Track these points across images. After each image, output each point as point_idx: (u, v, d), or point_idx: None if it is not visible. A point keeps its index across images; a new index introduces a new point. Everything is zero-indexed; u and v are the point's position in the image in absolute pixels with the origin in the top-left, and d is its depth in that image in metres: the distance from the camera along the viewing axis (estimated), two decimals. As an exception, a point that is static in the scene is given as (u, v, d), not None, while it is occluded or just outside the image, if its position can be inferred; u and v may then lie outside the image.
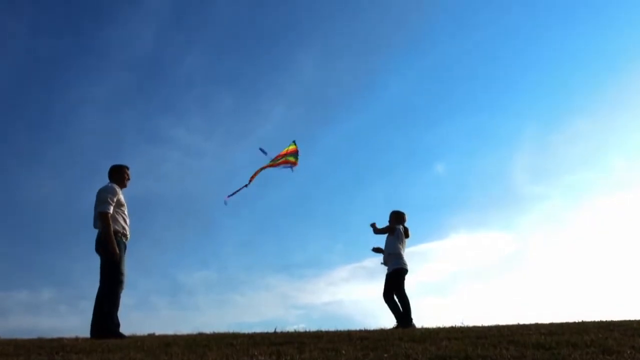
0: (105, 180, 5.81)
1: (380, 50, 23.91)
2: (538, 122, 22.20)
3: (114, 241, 5.44)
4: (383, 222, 7.72)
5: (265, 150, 7.78)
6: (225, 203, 7.42)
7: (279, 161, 7.94)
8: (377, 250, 7.66)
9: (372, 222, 7.66)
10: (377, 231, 7.62)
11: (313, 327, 5.48)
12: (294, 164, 7.98)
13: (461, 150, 22.71)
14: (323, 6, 23.42)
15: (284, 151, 8.07)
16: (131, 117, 21.72)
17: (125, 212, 5.74)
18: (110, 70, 21.44)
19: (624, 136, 21.91)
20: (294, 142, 8.15)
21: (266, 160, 7.89)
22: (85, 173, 18.48)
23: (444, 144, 22.84)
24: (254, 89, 22.91)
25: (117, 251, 5.43)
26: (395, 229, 7.51)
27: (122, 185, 5.83)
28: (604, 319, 5.38)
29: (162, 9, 21.83)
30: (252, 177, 7.67)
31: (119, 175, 5.83)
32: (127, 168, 5.93)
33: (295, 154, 8.07)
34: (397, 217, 7.65)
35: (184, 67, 22.43)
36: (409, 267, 7.41)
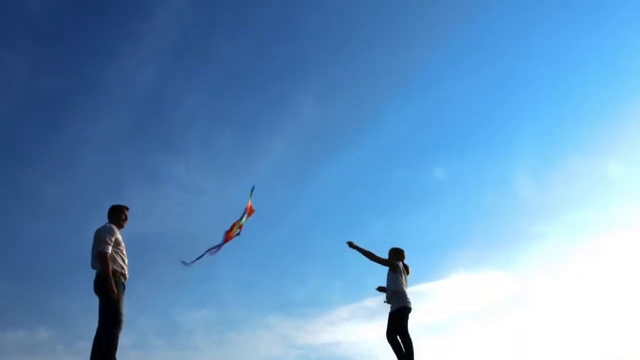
0: (104, 220, 5.87)
1: (380, 87, 24.25)
2: (536, 160, 22.32)
3: (112, 281, 5.45)
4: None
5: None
6: (186, 264, 6.72)
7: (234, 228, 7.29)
8: (382, 289, 7.55)
9: (353, 247, 7.33)
10: (367, 255, 7.36)
11: (313, 369, 5.41)
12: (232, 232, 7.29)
13: (460, 189, 22.73)
14: (322, 44, 23.91)
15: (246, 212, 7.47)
16: (131, 155, 21.87)
17: (124, 252, 5.77)
18: (111, 109, 21.76)
19: (623, 173, 21.99)
20: (251, 190, 7.57)
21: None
22: (85, 212, 18.43)
23: (442, 182, 22.90)
24: (254, 126, 23.18)
25: (115, 290, 5.44)
26: (397, 266, 7.37)
27: (120, 225, 5.88)
28: (607, 361, 5.31)
29: (163, 49, 22.32)
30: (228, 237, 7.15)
31: (117, 215, 5.90)
32: (127, 208, 5.99)
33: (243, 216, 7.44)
34: (396, 254, 7.53)
35: (184, 105, 22.75)
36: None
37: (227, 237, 7.22)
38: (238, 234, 7.31)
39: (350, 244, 7.38)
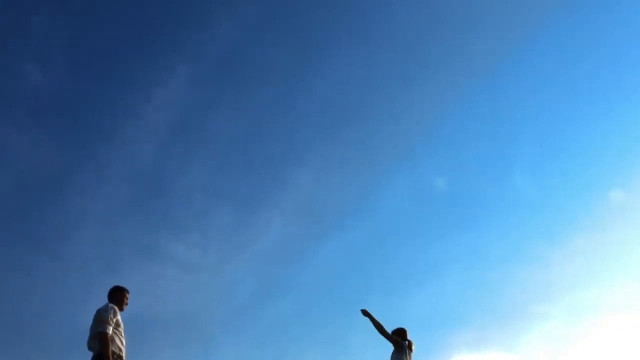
0: (100, 297, 5.88)
1: (378, 163, 24.74)
2: (538, 239, 22.35)
3: None
4: (381, 341, 7.53)
5: None
6: None
7: None
8: None
9: (366, 315, 7.31)
10: (378, 326, 7.32)
11: None
12: None
13: (461, 268, 22.53)
14: (320, 120, 24.63)
15: None
16: (129, 232, 21.89)
17: (123, 334, 5.73)
18: (109, 184, 22.03)
19: (625, 251, 21.90)
20: None
21: None
22: (82, 289, 18.26)
23: (443, 260, 22.77)
24: (253, 203, 23.41)
25: None
26: (403, 345, 7.32)
27: (120, 308, 5.87)
28: None
29: (163, 124, 22.94)
30: None
31: (119, 297, 5.91)
32: (128, 292, 6.02)
33: None
34: (399, 334, 7.47)
35: (183, 182, 23.09)
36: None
37: None
38: None
39: (364, 312, 7.38)
